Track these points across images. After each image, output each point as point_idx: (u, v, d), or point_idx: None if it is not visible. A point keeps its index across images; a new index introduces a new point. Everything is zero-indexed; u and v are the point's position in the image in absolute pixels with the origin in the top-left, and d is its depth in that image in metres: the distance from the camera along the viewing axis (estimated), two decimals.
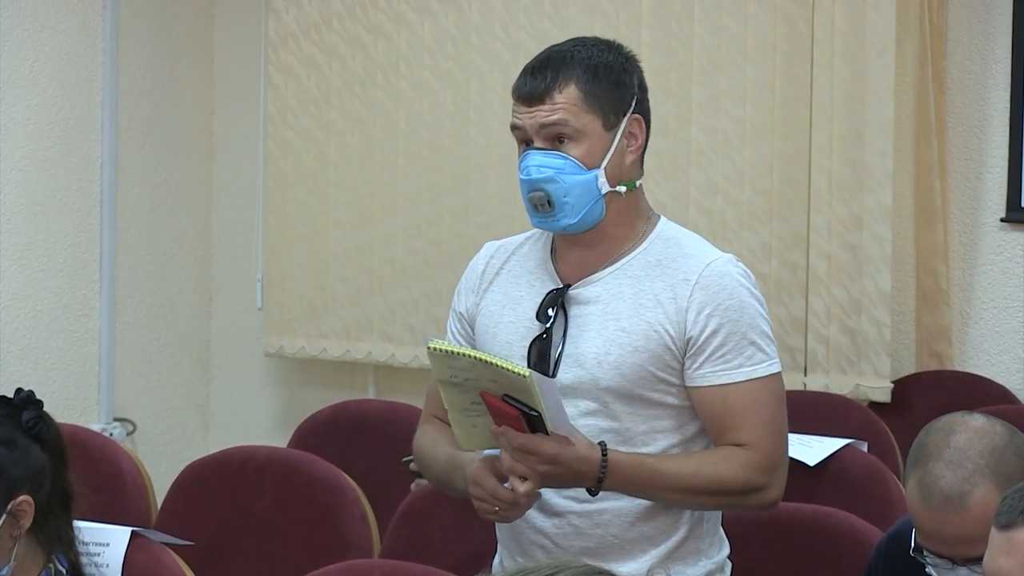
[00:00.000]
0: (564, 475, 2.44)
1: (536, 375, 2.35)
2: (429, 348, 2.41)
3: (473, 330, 2.68)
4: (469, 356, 2.37)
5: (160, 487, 3.59)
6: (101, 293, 5.14)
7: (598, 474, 2.45)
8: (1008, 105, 4.59)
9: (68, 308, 5.04)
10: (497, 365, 2.35)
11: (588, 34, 2.73)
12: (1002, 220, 4.63)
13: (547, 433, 2.40)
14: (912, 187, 4.66)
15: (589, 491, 2.49)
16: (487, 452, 2.52)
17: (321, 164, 5.28)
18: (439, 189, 5.07)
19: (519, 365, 2.36)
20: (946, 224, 4.65)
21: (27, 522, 2.40)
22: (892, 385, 4.55)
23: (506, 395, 2.38)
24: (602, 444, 2.46)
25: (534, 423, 2.40)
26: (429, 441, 2.70)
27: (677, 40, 4.68)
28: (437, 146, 5.07)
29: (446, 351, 2.40)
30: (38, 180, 4.92)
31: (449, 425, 2.62)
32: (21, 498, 2.39)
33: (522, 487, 2.42)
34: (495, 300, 2.66)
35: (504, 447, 2.43)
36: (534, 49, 5.30)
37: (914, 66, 4.61)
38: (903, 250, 4.67)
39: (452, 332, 2.73)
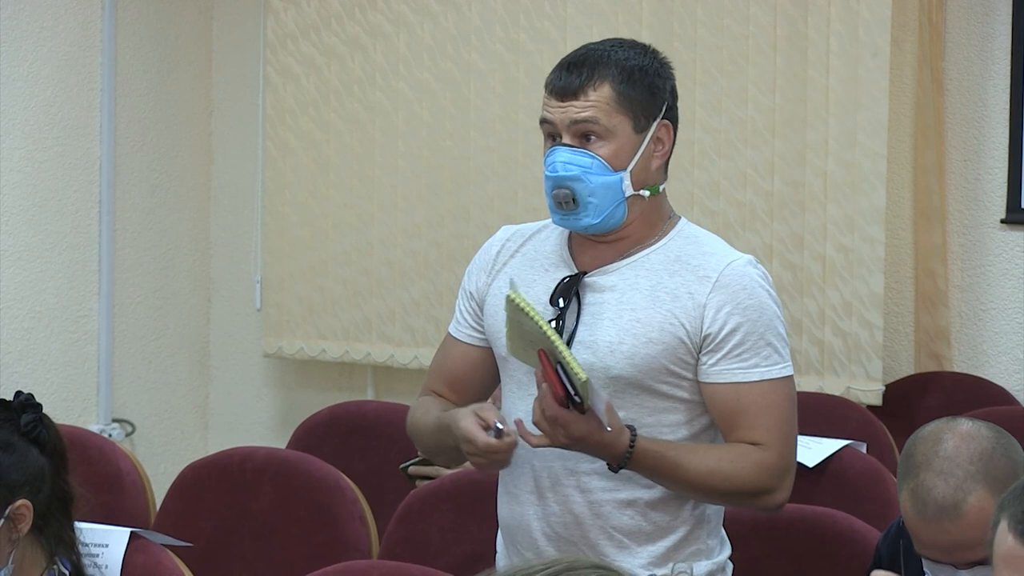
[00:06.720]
0: (584, 452, 2.48)
1: (592, 383, 2.36)
2: (508, 296, 2.41)
3: (482, 311, 2.69)
4: (540, 327, 2.36)
5: (159, 488, 3.59)
6: (100, 294, 5.14)
7: (621, 461, 2.47)
8: (1007, 106, 4.58)
9: (67, 309, 5.03)
10: (562, 352, 2.34)
11: (588, 36, 2.73)
12: (1002, 221, 4.62)
13: (583, 411, 2.41)
14: (911, 188, 4.66)
15: (609, 466, 2.51)
16: (474, 405, 2.54)
17: (320, 165, 5.27)
18: (438, 190, 5.06)
19: (580, 365, 2.34)
20: (945, 225, 4.64)
21: (25, 526, 2.39)
22: (883, 388, 4.54)
23: (560, 363, 2.37)
24: (632, 430, 2.48)
25: (572, 400, 2.41)
26: (422, 410, 2.72)
27: (679, 41, 4.68)
28: (436, 147, 5.06)
29: (520, 308, 2.39)
30: (37, 181, 4.92)
31: (447, 400, 2.68)
32: (19, 502, 2.38)
33: (535, 440, 2.45)
34: (507, 283, 2.66)
35: (537, 403, 2.44)
36: (534, 50, 5.29)
37: (913, 67, 4.61)
38: (901, 251, 4.67)
39: (461, 311, 2.74)
